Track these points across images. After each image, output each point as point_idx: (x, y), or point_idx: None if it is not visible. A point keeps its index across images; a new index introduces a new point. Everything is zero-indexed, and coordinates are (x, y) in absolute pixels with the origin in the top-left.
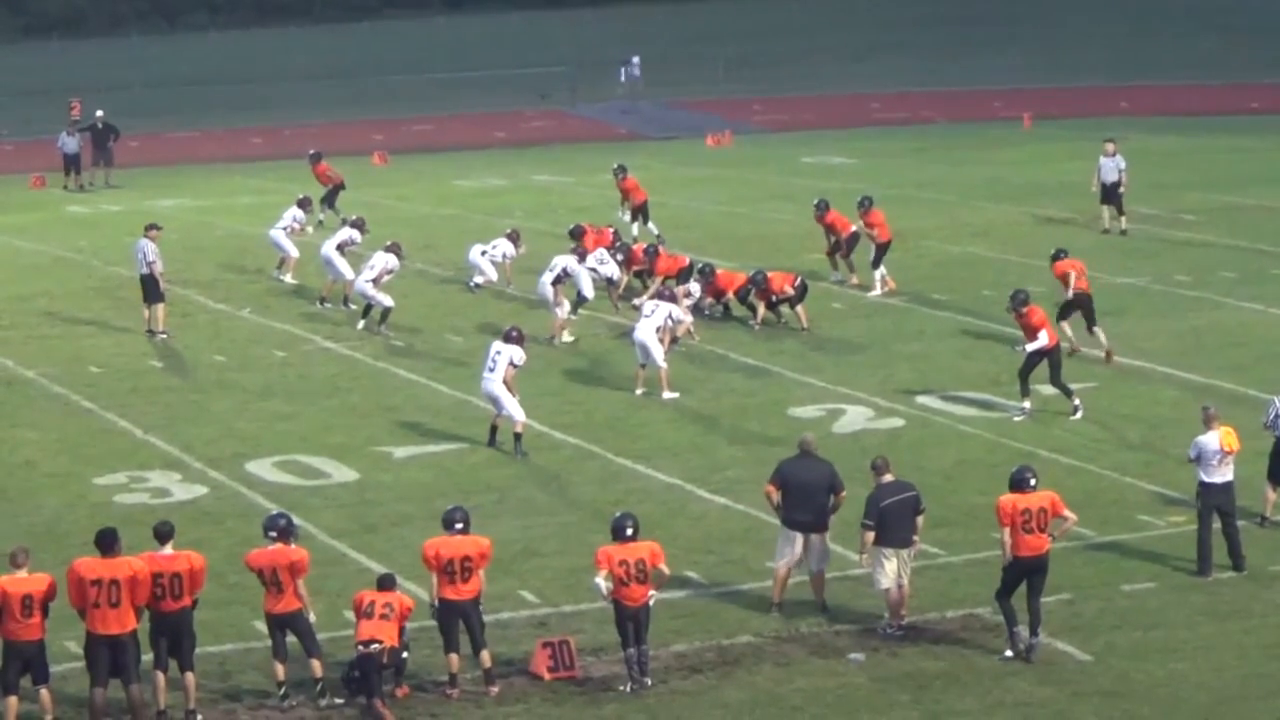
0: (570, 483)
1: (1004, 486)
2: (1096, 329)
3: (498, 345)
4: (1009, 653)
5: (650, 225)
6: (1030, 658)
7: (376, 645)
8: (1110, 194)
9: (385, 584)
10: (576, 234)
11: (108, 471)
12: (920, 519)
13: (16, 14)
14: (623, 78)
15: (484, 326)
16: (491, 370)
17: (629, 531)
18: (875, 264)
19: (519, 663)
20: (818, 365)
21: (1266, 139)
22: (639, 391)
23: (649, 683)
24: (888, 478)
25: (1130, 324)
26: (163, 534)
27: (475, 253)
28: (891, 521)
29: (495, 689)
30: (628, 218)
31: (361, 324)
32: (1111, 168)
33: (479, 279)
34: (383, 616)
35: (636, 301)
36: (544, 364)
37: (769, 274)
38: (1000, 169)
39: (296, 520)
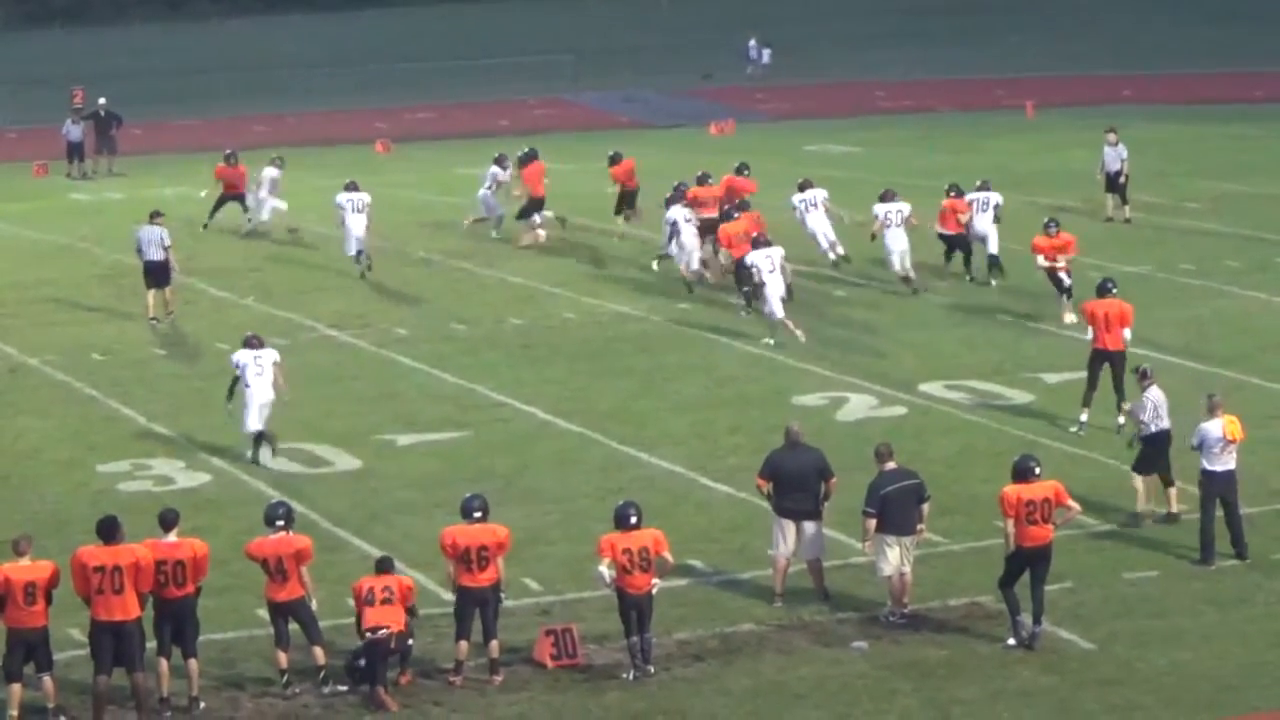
0: (573, 471)
1: (1007, 474)
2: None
3: (253, 354)
4: (1012, 641)
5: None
6: (1033, 646)
7: (384, 631)
8: (1113, 183)
9: (383, 567)
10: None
11: (111, 459)
12: (925, 507)
13: (20, 1)
14: (749, 66)
15: (488, 314)
16: (260, 375)
17: (632, 519)
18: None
19: (522, 650)
20: (820, 353)
21: (1270, 127)
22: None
23: (652, 670)
24: (890, 465)
25: (1134, 312)
26: (167, 521)
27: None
28: (893, 509)
29: (499, 677)
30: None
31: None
32: (1114, 156)
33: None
34: (385, 601)
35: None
36: (547, 352)
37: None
38: (1003, 157)
39: (297, 507)
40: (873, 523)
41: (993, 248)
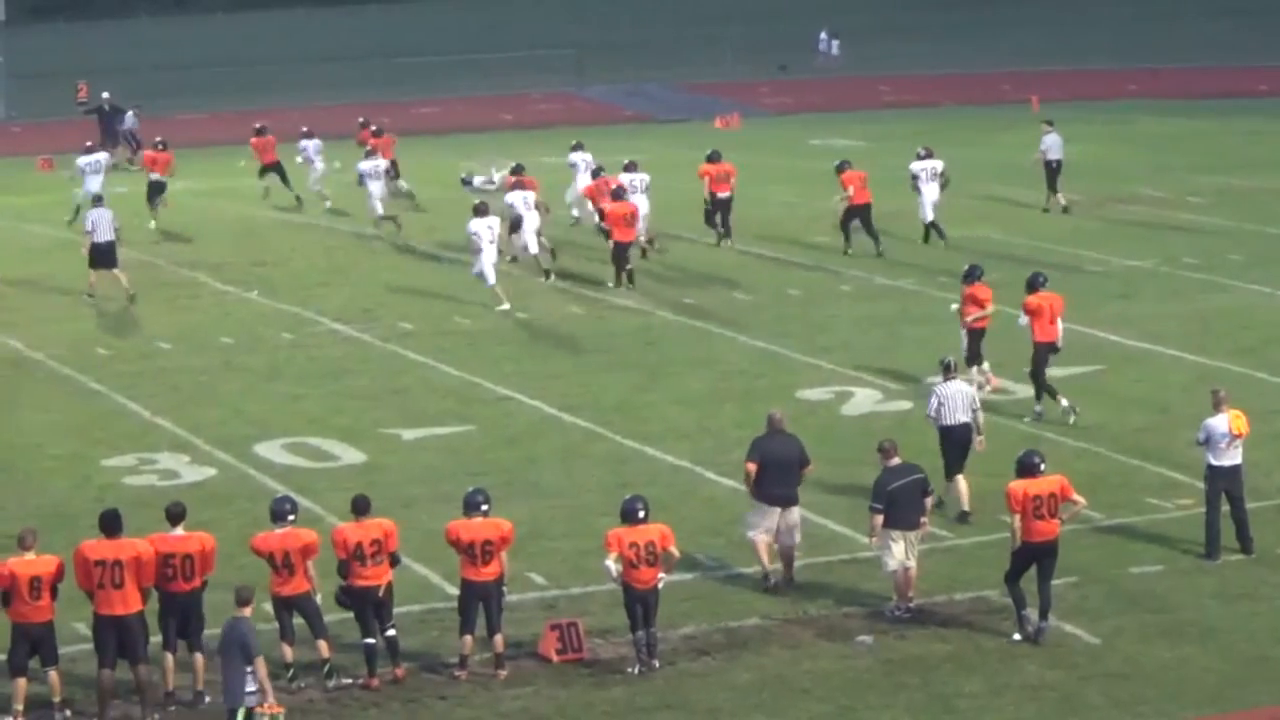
0: (578, 465)
1: (1011, 469)
2: None
3: None
4: (1017, 635)
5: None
6: (1038, 640)
7: (376, 586)
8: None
9: (361, 509)
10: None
11: (116, 453)
12: (928, 501)
13: None
14: (818, 57)
15: (492, 308)
16: None
17: (640, 514)
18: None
19: (527, 645)
20: (826, 347)
21: (1274, 122)
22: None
23: (657, 665)
24: (895, 461)
25: (1138, 307)
26: (174, 515)
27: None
28: (899, 504)
29: (504, 672)
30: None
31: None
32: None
33: None
34: (374, 558)
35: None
36: (551, 345)
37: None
38: (1008, 152)
39: (302, 502)
40: (879, 519)
41: (930, 214)
